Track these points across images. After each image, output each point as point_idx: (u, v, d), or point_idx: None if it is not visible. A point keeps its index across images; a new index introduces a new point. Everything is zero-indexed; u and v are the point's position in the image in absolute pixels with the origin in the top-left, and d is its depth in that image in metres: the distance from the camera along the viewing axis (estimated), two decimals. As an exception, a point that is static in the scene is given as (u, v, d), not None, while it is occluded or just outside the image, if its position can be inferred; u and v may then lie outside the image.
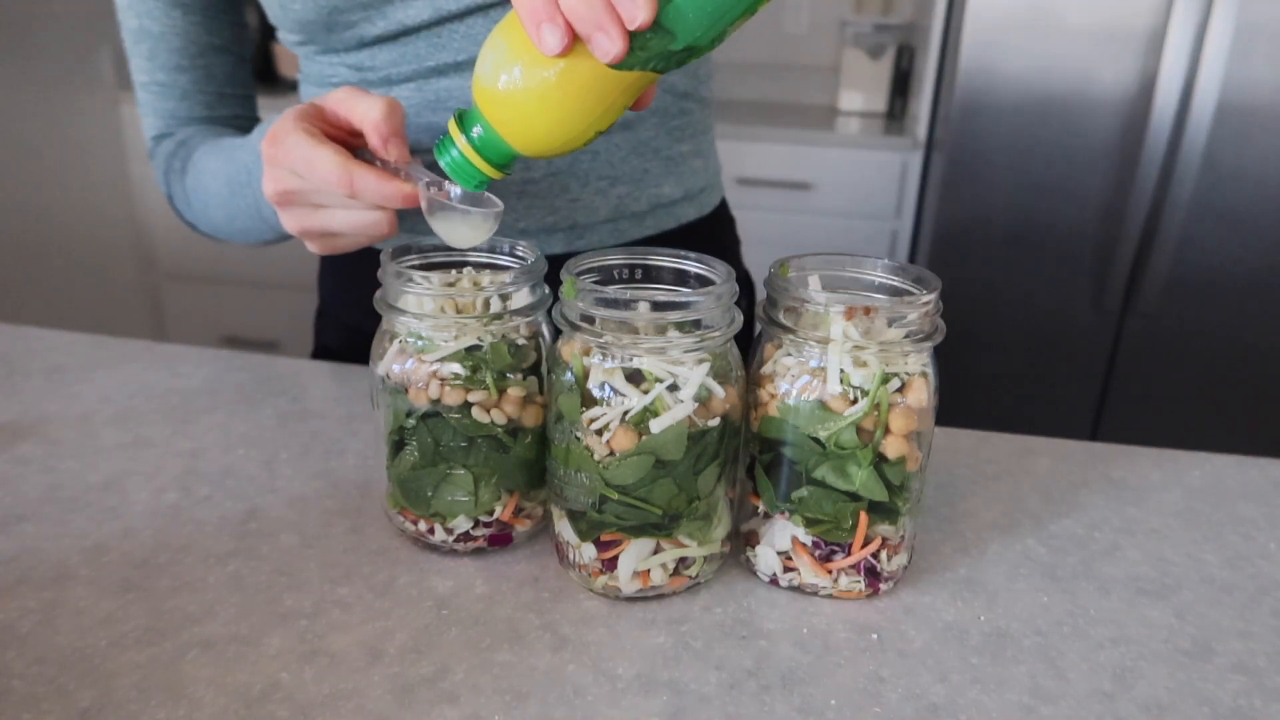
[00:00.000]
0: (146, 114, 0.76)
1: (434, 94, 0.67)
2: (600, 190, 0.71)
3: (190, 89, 0.74)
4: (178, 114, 0.75)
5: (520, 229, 0.71)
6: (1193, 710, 0.43)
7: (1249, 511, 0.60)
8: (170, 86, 0.74)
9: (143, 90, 0.75)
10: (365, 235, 0.55)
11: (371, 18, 0.64)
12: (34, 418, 0.67)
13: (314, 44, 0.68)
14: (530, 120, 0.44)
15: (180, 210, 0.75)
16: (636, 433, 0.45)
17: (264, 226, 0.65)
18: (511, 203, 0.70)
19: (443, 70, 0.66)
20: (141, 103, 0.76)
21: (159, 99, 0.74)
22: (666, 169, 0.75)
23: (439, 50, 0.66)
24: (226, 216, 0.68)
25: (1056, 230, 1.78)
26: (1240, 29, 1.58)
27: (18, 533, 0.53)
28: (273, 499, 0.57)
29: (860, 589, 0.49)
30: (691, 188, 0.78)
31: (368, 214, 0.54)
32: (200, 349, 0.80)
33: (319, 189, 0.53)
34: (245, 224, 0.67)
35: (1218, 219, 1.70)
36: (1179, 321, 1.78)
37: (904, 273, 0.49)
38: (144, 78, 0.74)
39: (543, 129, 0.45)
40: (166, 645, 0.44)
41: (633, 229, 0.74)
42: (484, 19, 0.65)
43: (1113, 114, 1.68)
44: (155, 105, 0.75)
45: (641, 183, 0.73)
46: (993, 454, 0.66)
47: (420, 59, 0.66)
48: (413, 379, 0.48)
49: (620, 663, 0.45)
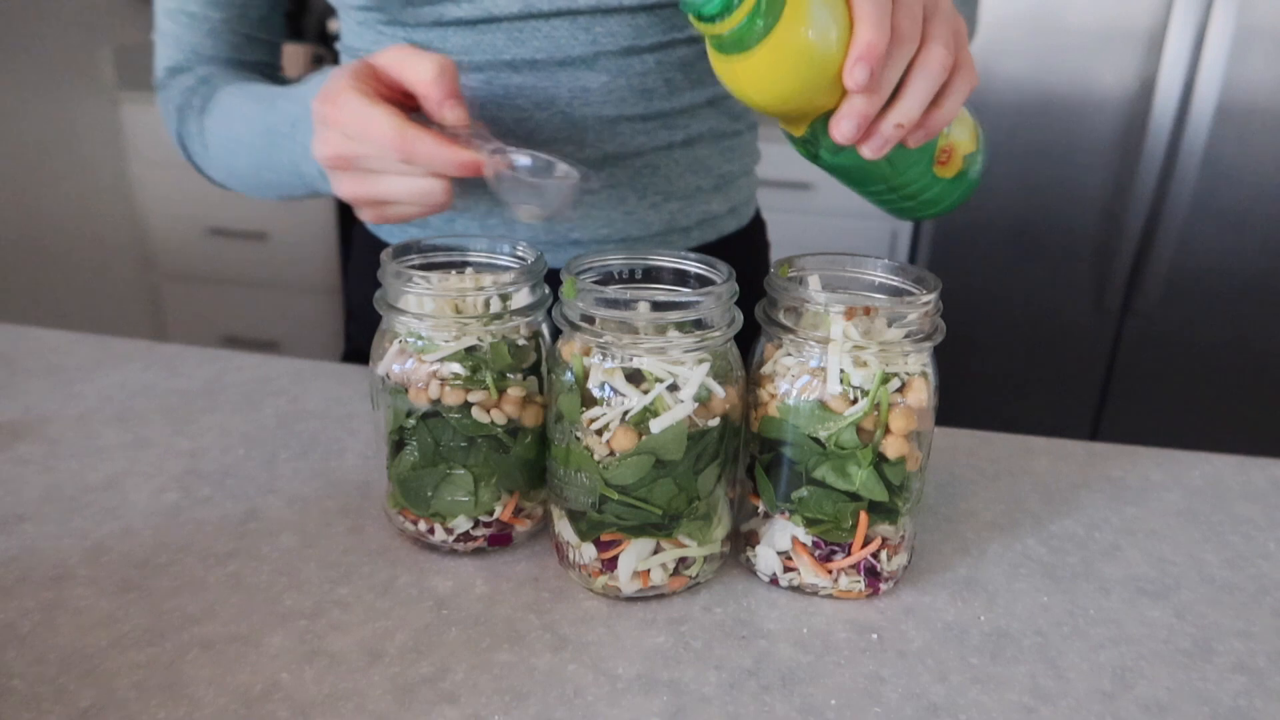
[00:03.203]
0: (165, 43, 0.72)
1: (504, 89, 0.65)
2: (655, 205, 0.71)
3: (221, 26, 0.70)
4: (201, 50, 0.71)
5: (574, 239, 0.70)
6: (1193, 710, 0.43)
7: (1249, 511, 0.60)
8: (200, 19, 0.70)
9: (168, 18, 0.71)
10: (421, 204, 0.52)
11: None
12: (34, 418, 0.67)
13: (383, 13, 0.64)
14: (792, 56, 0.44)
15: (190, 149, 0.72)
16: (636, 433, 0.44)
17: (298, 183, 0.62)
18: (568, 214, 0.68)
19: (517, 66, 0.64)
20: (162, 31, 0.72)
21: (185, 30, 0.70)
22: (716, 186, 0.75)
23: (518, 45, 0.64)
24: (253, 166, 0.65)
25: (1056, 230, 1.78)
26: (1240, 29, 1.58)
27: (18, 533, 0.53)
28: (273, 499, 0.57)
29: (860, 589, 0.49)
30: (736, 203, 0.78)
31: (424, 181, 0.51)
32: (200, 349, 0.80)
33: (374, 153, 0.51)
34: (275, 177, 0.64)
35: (1218, 219, 1.70)
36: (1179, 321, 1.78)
37: (904, 273, 0.49)
38: (172, 4, 0.70)
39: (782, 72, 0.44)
40: (166, 645, 0.44)
41: (680, 241, 0.74)
42: (570, 22, 0.63)
43: (1113, 114, 1.68)
44: (179, 36, 0.71)
45: (693, 199, 0.73)
46: (993, 454, 0.66)
47: (497, 50, 0.64)
48: (413, 379, 0.48)
49: (620, 663, 0.45)
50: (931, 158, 0.51)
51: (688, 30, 0.67)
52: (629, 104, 0.67)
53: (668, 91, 0.68)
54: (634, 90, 0.66)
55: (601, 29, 0.64)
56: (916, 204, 0.54)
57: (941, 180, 0.53)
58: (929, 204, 0.54)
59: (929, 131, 0.47)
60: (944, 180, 0.53)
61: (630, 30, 0.64)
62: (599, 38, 0.64)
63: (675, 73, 0.68)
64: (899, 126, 0.45)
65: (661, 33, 0.65)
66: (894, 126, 0.45)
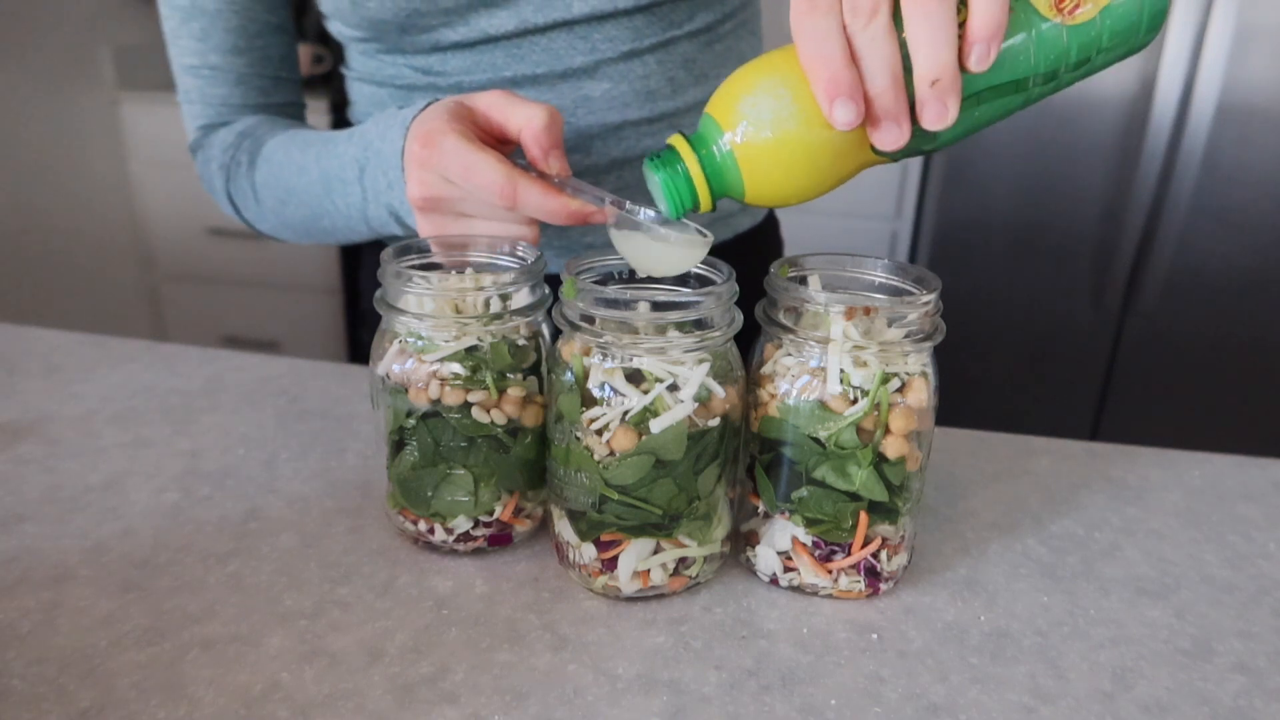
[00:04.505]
0: (193, 102, 0.70)
1: None
2: None
3: (247, 73, 0.69)
4: (230, 101, 0.70)
5: (586, 243, 0.70)
6: (1193, 710, 0.43)
7: (1249, 511, 0.60)
8: (225, 71, 0.68)
9: (191, 75, 0.69)
10: None
11: (452, 23, 0.62)
12: (34, 418, 0.67)
13: (379, 43, 0.65)
14: (781, 171, 0.42)
15: (239, 206, 0.70)
16: (636, 433, 0.44)
17: (361, 228, 0.61)
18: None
19: (519, 82, 0.64)
20: (186, 90, 0.70)
21: (210, 85, 0.69)
22: None
23: (517, 61, 0.64)
24: (310, 215, 0.64)
25: (1056, 230, 1.78)
26: (1240, 30, 1.58)
27: (18, 533, 0.53)
28: (273, 499, 0.57)
29: (860, 589, 0.49)
30: None
31: (516, 228, 0.52)
32: (200, 349, 0.80)
33: (470, 196, 0.51)
34: (333, 224, 0.63)
35: (1218, 219, 1.70)
36: (1179, 321, 1.78)
37: (904, 273, 0.49)
38: (193, 60, 0.68)
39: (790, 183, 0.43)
40: (166, 645, 0.44)
41: None
42: (567, 33, 0.63)
43: (1113, 114, 1.68)
44: (205, 92, 0.69)
45: None
46: (993, 454, 0.66)
47: (496, 69, 0.64)
48: (413, 379, 0.48)
49: (620, 663, 0.45)
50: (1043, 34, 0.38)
51: (688, 26, 0.66)
52: (633, 108, 0.67)
53: (671, 91, 0.68)
54: (637, 94, 0.66)
55: (600, 36, 0.64)
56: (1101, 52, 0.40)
57: (1094, 20, 0.38)
58: (1117, 34, 0.39)
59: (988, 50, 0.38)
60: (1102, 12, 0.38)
61: (629, 34, 0.64)
62: (598, 45, 0.64)
63: (678, 70, 0.67)
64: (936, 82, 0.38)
65: (661, 31, 0.65)
66: (931, 85, 0.38)
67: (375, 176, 0.57)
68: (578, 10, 0.62)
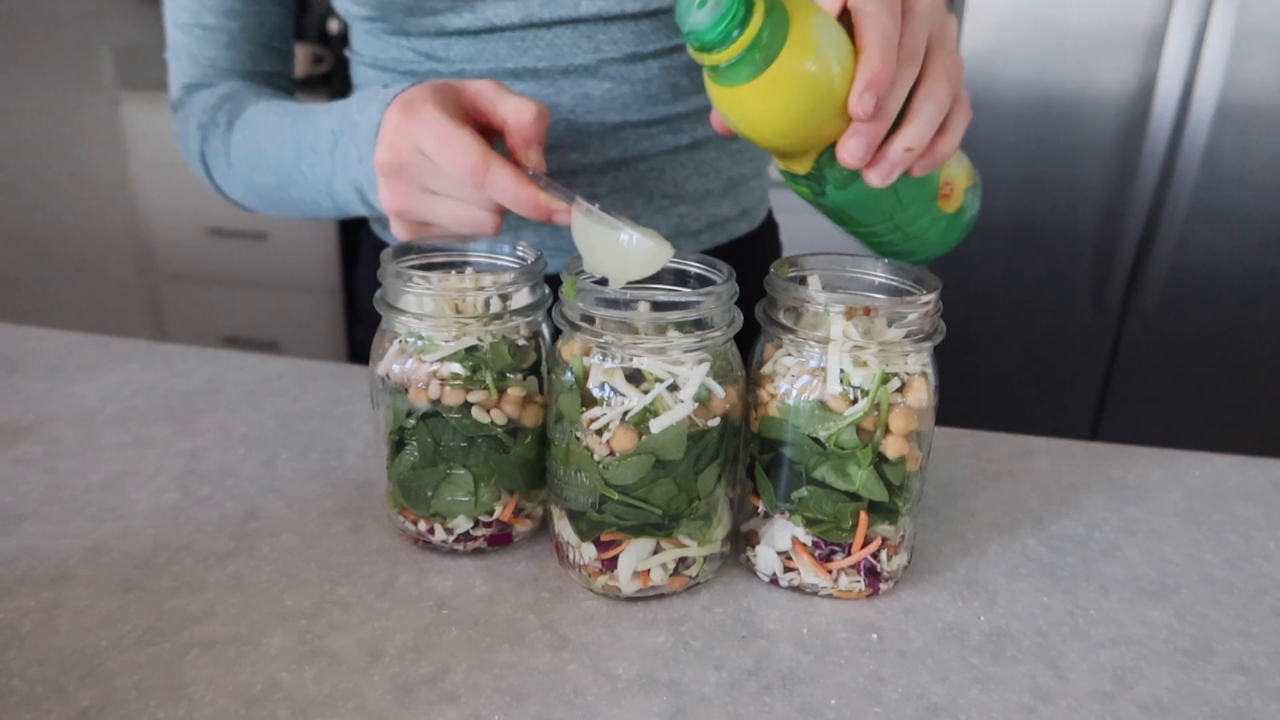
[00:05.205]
0: (180, 59, 0.71)
1: None
2: (662, 209, 0.71)
3: (239, 36, 0.69)
4: (219, 63, 0.70)
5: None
6: (1193, 710, 0.43)
7: (1249, 511, 0.60)
8: (217, 31, 0.69)
9: (182, 32, 0.69)
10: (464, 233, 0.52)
11: (459, 9, 0.62)
12: (34, 418, 0.67)
13: (385, 23, 0.65)
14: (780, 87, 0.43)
15: (212, 168, 0.70)
16: (636, 433, 0.44)
17: (326, 202, 0.61)
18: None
19: (520, 74, 0.64)
20: (176, 47, 0.70)
21: (201, 44, 0.69)
22: (726, 189, 0.74)
23: (520, 54, 0.64)
24: (279, 182, 0.64)
25: (1056, 230, 1.78)
26: (1240, 30, 1.57)
27: (18, 533, 0.53)
28: (273, 499, 0.57)
29: (860, 589, 0.49)
30: (747, 205, 0.77)
31: (480, 213, 0.51)
32: (200, 349, 0.80)
33: (438, 171, 0.50)
34: (301, 194, 0.63)
35: (1218, 219, 1.70)
36: (1179, 321, 1.78)
37: (904, 273, 0.50)
38: (186, 18, 0.68)
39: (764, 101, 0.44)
40: (166, 645, 0.44)
41: (689, 245, 0.74)
42: (572, 30, 0.63)
43: (1113, 114, 1.68)
44: (195, 51, 0.69)
45: (702, 203, 0.73)
46: (993, 454, 0.66)
47: (499, 59, 0.64)
48: (413, 379, 0.48)
49: (620, 663, 0.45)
50: (935, 191, 0.51)
51: None
52: (633, 110, 0.66)
53: (672, 96, 0.68)
54: (638, 96, 0.66)
55: (604, 36, 0.64)
56: (919, 243, 0.53)
57: (944, 216, 0.53)
58: (930, 243, 0.54)
59: (935, 159, 0.47)
60: (946, 216, 0.53)
61: (633, 37, 0.64)
62: (601, 45, 0.64)
63: (680, 77, 0.67)
64: (909, 151, 0.45)
65: (665, 38, 0.65)
66: (903, 150, 0.45)
67: (348, 149, 0.57)
68: (585, 9, 0.62)
